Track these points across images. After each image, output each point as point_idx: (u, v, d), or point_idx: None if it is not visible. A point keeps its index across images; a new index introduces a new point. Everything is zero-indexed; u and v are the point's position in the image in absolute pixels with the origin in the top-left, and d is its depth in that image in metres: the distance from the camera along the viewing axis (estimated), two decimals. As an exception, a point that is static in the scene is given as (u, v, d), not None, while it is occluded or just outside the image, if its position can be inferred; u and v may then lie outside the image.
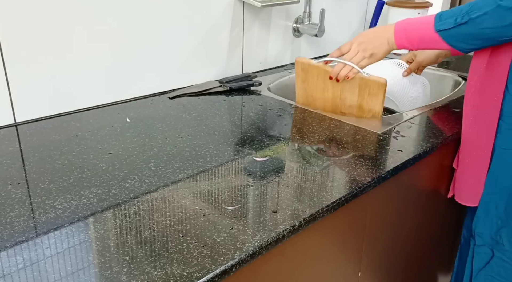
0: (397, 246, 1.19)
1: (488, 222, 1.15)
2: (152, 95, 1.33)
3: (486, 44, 0.99)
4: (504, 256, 1.15)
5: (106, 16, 1.17)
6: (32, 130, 1.07)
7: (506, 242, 1.13)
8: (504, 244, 1.14)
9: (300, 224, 0.76)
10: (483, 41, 0.98)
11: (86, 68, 1.18)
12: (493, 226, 1.14)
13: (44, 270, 0.64)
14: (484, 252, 1.19)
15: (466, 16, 0.96)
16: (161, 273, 0.64)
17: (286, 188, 0.87)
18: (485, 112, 1.07)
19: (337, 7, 1.80)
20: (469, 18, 0.95)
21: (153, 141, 1.04)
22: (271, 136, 1.09)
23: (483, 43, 0.99)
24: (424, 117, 1.23)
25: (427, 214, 1.28)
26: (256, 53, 1.57)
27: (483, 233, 1.17)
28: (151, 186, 0.85)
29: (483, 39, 0.97)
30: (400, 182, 1.07)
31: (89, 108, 1.21)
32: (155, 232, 0.73)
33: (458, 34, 0.99)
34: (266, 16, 1.55)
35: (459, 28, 0.97)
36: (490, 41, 0.98)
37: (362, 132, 1.12)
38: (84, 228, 0.74)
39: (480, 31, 0.95)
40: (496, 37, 0.96)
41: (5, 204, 0.79)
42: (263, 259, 0.73)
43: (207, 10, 1.38)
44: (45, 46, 1.09)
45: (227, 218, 0.76)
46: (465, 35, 0.98)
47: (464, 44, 1.00)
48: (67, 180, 0.87)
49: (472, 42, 0.99)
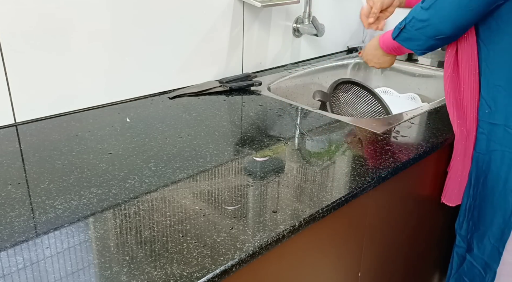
0: (397, 246, 1.19)
1: (466, 225, 1.18)
2: (152, 95, 1.33)
3: (428, 44, 1.05)
4: (474, 261, 1.18)
5: (106, 16, 1.17)
6: (32, 130, 1.07)
7: (475, 247, 1.17)
8: (474, 249, 1.17)
9: (300, 224, 0.76)
10: (421, 41, 1.04)
11: (86, 68, 1.18)
12: (469, 230, 1.18)
13: (44, 270, 0.64)
14: (461, 254, 1.22)
15: (403, 22, 1.06)
16: (161, 273, 0.64)
17: (286, 188, 0.87)
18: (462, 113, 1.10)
19: (337, 7, 1.80)
20: (405, 23, 1.05)
21: (153, 141, 1.04)
22: (271, 136, 1.09)
23: (423, 43, 1.05)
24: (424, 117, 1.23)
25: (427, 214, 1.28)
26: (256, 53, 1.56)
27: (463, 235, 1.20)
28: (151, 186, 0.85)
29: (421, 40, 1.04)
30: (400, 182, 1.07)
31: (89, 108, 1.21)
32: (155, 232, 0.73)
33: (404, 38, 1.08)
34: (266, 16, 1.55)
35: (402, 33, 1.07)
36: (428, 41, 1.03)
37: (362, 132, 1.12)
38: (84, 228, 0.74)
39: (416, 33, 1.04)
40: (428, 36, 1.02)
41: (5, 204, 0.79)
42: (263, 259, 0.73)
43: (207, 10, 1.38)
44: (45, 46, 1.09)
45: (227, 218, 0.76)
46: (408, 38, 1.07)
47: (412, 45, 1.08)
48: (67, 180, 0.87)
49: (415, 43, 1.06)
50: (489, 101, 1.05)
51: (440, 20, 0.98)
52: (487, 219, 1.12)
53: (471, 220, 1.16)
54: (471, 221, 1.17)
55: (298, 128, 1.15)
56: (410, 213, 1.19)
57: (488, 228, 1.13)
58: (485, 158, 1.09)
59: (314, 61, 1.74)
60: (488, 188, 1.10)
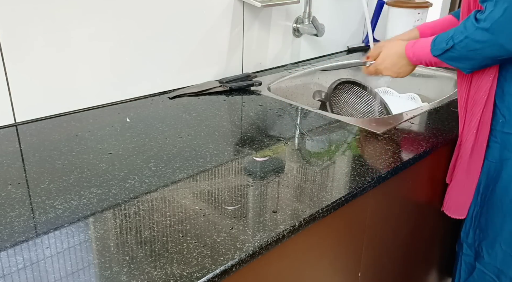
0: (397, 246, 1.19)
1: (472, 233, 1.16)
2: (152, 95, 1.33)
3: (483, 63, 0.99)
4: (485, 269, 1.16)
5: (106, 16, 1.17)
6: (32, 130, 1.07)
7: (486, 254, 1.15)
8: (484, 256, 1.15)
9: (300, 224, 0.76)
10: (477, 61, 0.99)
11: (86, 68, 1.18)
12: (476, 238, 1.16)
13: (44, 270, 0.64)
14: (470, 263, 1.20)
15: (451, 41, 0.98)
16: (161, 273, 0.64)
17: (286, 188, 0.87)
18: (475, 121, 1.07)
19: (337, 7, 1.80)
20: (453, 43, 0.98)
21: (153, 141, 1.04)
22: (271, 136, 1.09)
23: (479, 63, 0.99)
24: (424, 117, 1.23)
25: (427, 214, 1.28)
26: (256, 53, 1.56)
27: (470, 243, 1.18)
28: (151, 186, 0.85)
29: (475, 60, 0.98)
30: (400, 182, 1.07)
31: (89, 108, 1.21)
32: (155, 232, 0.72)
33: (452, 58, 1.01)
34: (266, 16, 1.55)
35: (448, 52, 1.00)
36: (484, 61, 0.98)
37: (362, 132, 1.12)
38: (84, 228, 0.73)
39: (469, 53, 0.97)
40: (487, 56, 0.96)
41: (5, 204, 0.79)
42: (263, 259, 0.73)
43: (207, 10, 1.38)
44: (45, 46, 1.09)
45: (227, 218, 0.76)
46: (457, 57, 1.00)
47: (461, 64, 1.01)
48: (67, 180, 0.87)
49: (468, 63, 1.00)
50: (504, 110, 1.03)
51: (508, 39, 0.91)
52: (497, 225, 1.11)
53: (478, 228, 1.15)
54: (478, 228, 1.15)
55: (298, 128, 1.15)
56: (410, 213, 1.19)
57: (498, 234, 1.11)
58: (497, 166, 1.08)
59: (314, 61, 1.74)
60: (497, 195, 1.09)
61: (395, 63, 1.14)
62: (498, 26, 0.91)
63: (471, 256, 1.20)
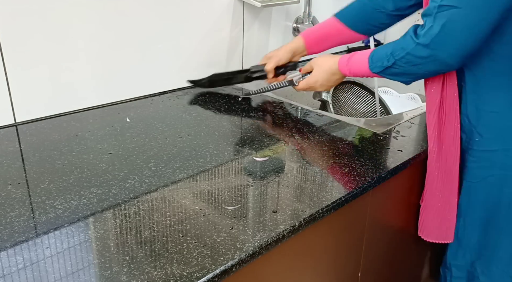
0: (397, 246, 1.19)
1: (462, 254, 1.13)
2: (152, 95, 1.33)
3: (425, 76, 1.00)
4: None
5: (106, 16, 1.17)
6: (32, 130, 1.07)
7: (480, 274, 1.12)
8: (479, 276, 1.12)
9: (300, 224, 0.76)
10: (419, 75, 0.99)
11: (86, 68, 1.18)
12: (467, 259, 1.13)
13: (44, 270, 0.64)
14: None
15: (392, 58, 0.98)
16: (161, 273, 0.64)
17: (286, 188, 0.87)
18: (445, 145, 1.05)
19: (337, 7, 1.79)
20: (394, 60, 0.97)
21: (153, 141, 1.04)
22: (271, 136, 1.09)
23: (421, 76, 1.00)
24: (424, 117, 1.23)
25: (427, 214, 1.28)
26: (256, 53, 1.56)
27: (460, 265, 1.14)
28: (151, 186, 0.85)
29: (417, 74, 0.99)
30: (400, 182, 1.07)
31: (89, 108, 1.21)
32: (155, 232, 0.73)
33: (393, 73, 1.00)
34: (266, 16, 1.55)
35: (390, 69, 0.99)
36: (426, 74, 0.99)
37: (362, 132, 1.12)
38: (84, 228, 0.74)
39: (412, 68, 0.97)
40: (429, 70, 0.97)
41: (5, 204, 0.79)
42: (263, 259, 0.73)
43: (207, 10, 1.38)
44: (45, 46, 1.09)
45: (227, 218, 0.76)
46: (400, 73, 1.00)
47: (403, 78, 1.01)
48: (67, 180, 0.87)
49: (408, 77, 1.00)
50: (480, 129, 1.01)
51: (447, 54, 0.91)
52: (491, 244, 1.08)
53: (468, 247, 1.11)
54: (468, 248, 1.11)
55: (298, 128, 1.15)
56: (410, 212, 1.19)
57: (493, 253, 1.09)
58: (480, 186, 1.05)
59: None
60: (490, 213, 1.06)
61: (329, 79, 1.15)
62: (438, 41, 0.90)
63: (463, 278, 1.16)
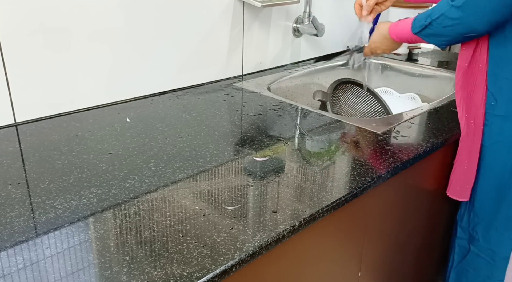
0: (397, 246, 1.19)
1: (467, 217, 1.20)
2: (152, 95, 1.33)
3: (454, 40, 1.07)
4: (479, 252, 1.21)
5: (106, 16, 1.17)
6: (32, 130, 1.07)
7: (481, 237, 1.19)
8: (479, 239, 1.19)
9: (300, 224, 0.76)
10: (449, 38, 1.06)
11: (86, 68, 1.18)
12: (471, 222, 1.20)
13: (44, 270, 0.64)
14: (463, 246, 1.25)
15: (429, 18, 1.06)
16: (161, 273, 0.64)
17: (286, 188, 0.87)
18: (472, 107, 1.11)
19: (337, 7, 1.79)
20: (431, 20, 1.06)
21: (153, 141, 1.04)
22: (271, 136, 1.09)
23: (451, 39, 1.06)
24: (424, 117, 1.23)
25: (427, 214, 1.28)
26: (256, 53, 1.56)
27: (464, 227, 1.22)
28: (151, 186, 0.85)
29: (449, 36, 1.05)
30: (400, 182, 1.07)
31: (89, 108, 1.21)
32: (155, 232, 0.72)
33: (428, 34, 1.09)
34: (266, 16, 1.55)
35: (426, 29, 1.08)
36: (457, 38, 1.06)
37: (362, 132, 1.12)
38: (84, 228, 0.74)
39: (443, 30, 1.04)
40: (458, 33, 1.03)
41: (5, 204, 0.79)
42: (263, 259, 0.73)
43: (207, 10, 1.38)
44: (45, 46, 1.09)
45: (227, 218, 0.76)
46: (434, 34, 1.08)
47: (436, 40, 1.09)
48: (67, 180, 0.87)
49: (441, 39, 1.07)
50: (496, 93, 1.07)
51: (475, 18, 0.98)
52: (492, 209, 1.14)
53: (472, 211, 1.18)
54: (473, 212, 1.18)
55: (298, 128, 1.15)
56: (410, 212, 1.19)
57: (493, 218, 1.15)
58: (490, 150, 1.11)
59: (314, 61, 1.74)
60: (492, 179, 1.12)
61: (382, 42, 1.27)
62: (469, 5, 0.97)
63: (464, 239, 1.24)
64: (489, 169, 1.12)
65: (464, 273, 1.26)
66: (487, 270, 1.21)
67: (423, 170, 1.15)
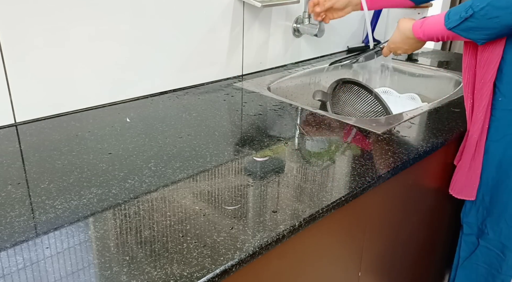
0: (397, 246, 1.19)
1: (475, 212, 1.20)
2: (152, 95, 1.33)
3: (499, 33, 0.99)
4: (489, 245, 1.21)
5: (107, 17, 1.17)
6: (32, 130, 1.07)
7: (490, 230, 1.19)
8: (488, 233, 1.20)
9: (300, 224, 0.76)
10: (493, 31, 0.98)
11: (86, 68, 1.18)
12: (479, 216, 1.20)
13: (44, 270, 0.64)
14: (471, 242, 1.25)
15: (470, 10, 0.97)
16: (161, 273, 0.64)
17: (286, 188, 0.87)
18: (480, 106, 1.10)
19: (337, 7, 1.79)
20: (473, 11, 0.97)
21: (153, 141, 1.04)
22: (271, 136, 1.09)
23: (495, 33, 0.99)
24: (424, 117, 1.23)
25: (427, 214, 1.28)
26: (256, 53, 1.56)
27: (471, 222, 1.22)
28: (151, 186, 0.85)
29: (492, 29, 0.97)
30: (400, 182, 1.07)
31: (89, 108, 1.21)
32: (155, 232, 0.73)
33: (468, 28, 1.00)
34: (266, 16, 1.55)
35: (466, 22, 0.99)
36: (502, 30, 0.98)
37: (362, 132, 1.12)
38: (84, 228, 0.74)
39: (488, 22, 0.96)
40: (504, 25, 0.96)
41: (5, 204, 0.79)
42: (263, 259, 0.73)
43: (207, 10, 1.38)
44: (45, 45, 1.09)
45: (227, 218, 0.76)
46: (475, 27, 0.99)
47: (476, 35, 1.01)
48: (67, 180, 0.87)
49: (484, 33, 0.99)
50: (503, 89, 1.06)
51: None
52: (502, 202, 1.15)
53: (481, 205, 1.18)
54: (481, 206, 1.19)
55: (298, 128, 1.15)
56: (410, 212, 1.19)
57: (503, 211, 1.15)
58: (498, 145, 1.10)
59: (314, 61, 1.74)
60: (502, 173, 1.12)
61: (404, 42, 1.20)
62: None
63: (472, 234, 1.24)
64: (498, 162, 1.12)
65: (473, 268, 1.26)
66: (497, 263, 1.21)
67: (423, 170, 1.15)
